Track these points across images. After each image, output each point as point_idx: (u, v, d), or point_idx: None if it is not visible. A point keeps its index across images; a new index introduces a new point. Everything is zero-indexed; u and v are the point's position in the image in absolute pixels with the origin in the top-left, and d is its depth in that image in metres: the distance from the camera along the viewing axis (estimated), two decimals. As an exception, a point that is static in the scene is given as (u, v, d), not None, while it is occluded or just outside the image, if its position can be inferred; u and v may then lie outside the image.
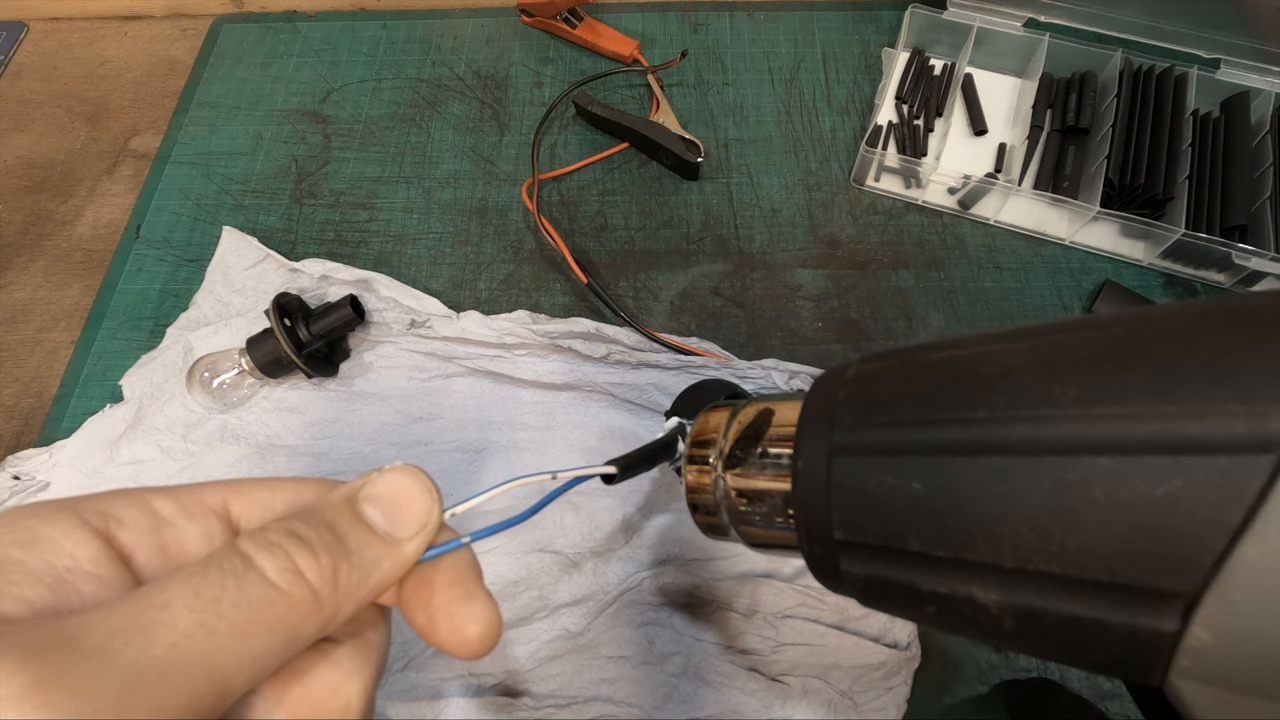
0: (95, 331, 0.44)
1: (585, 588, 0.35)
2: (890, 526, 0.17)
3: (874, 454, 0.18)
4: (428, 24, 0.57)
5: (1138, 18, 0.50)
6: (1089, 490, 0.14)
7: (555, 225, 0.46)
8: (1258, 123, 0.46)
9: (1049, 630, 0.15)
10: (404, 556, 0.16)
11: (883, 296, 0.44)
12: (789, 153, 0.49)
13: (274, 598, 0.14)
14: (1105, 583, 0.14)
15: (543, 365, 0.41)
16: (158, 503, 0.16)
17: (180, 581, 0.13)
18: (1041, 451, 0.14)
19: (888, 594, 0.18)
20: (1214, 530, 0.12)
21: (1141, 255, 0.45)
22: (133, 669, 0.12)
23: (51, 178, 0.51)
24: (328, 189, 0.49)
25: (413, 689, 0.33)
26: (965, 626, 0.17)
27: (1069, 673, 0.34)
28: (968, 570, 0.16)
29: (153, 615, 0.13)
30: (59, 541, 0.14)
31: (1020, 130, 0.48)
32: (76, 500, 0.15)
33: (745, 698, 0.33)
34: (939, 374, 0.18)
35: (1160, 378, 0.14)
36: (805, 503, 0.19)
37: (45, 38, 0.58)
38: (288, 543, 0.15)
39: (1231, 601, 0.12)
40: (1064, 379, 0.15)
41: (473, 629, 0.16)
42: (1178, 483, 0.13)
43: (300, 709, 0.15)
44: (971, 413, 0.16)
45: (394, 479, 0.17)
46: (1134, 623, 0.13)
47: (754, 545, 0.23)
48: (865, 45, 0.54)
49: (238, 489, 0.17)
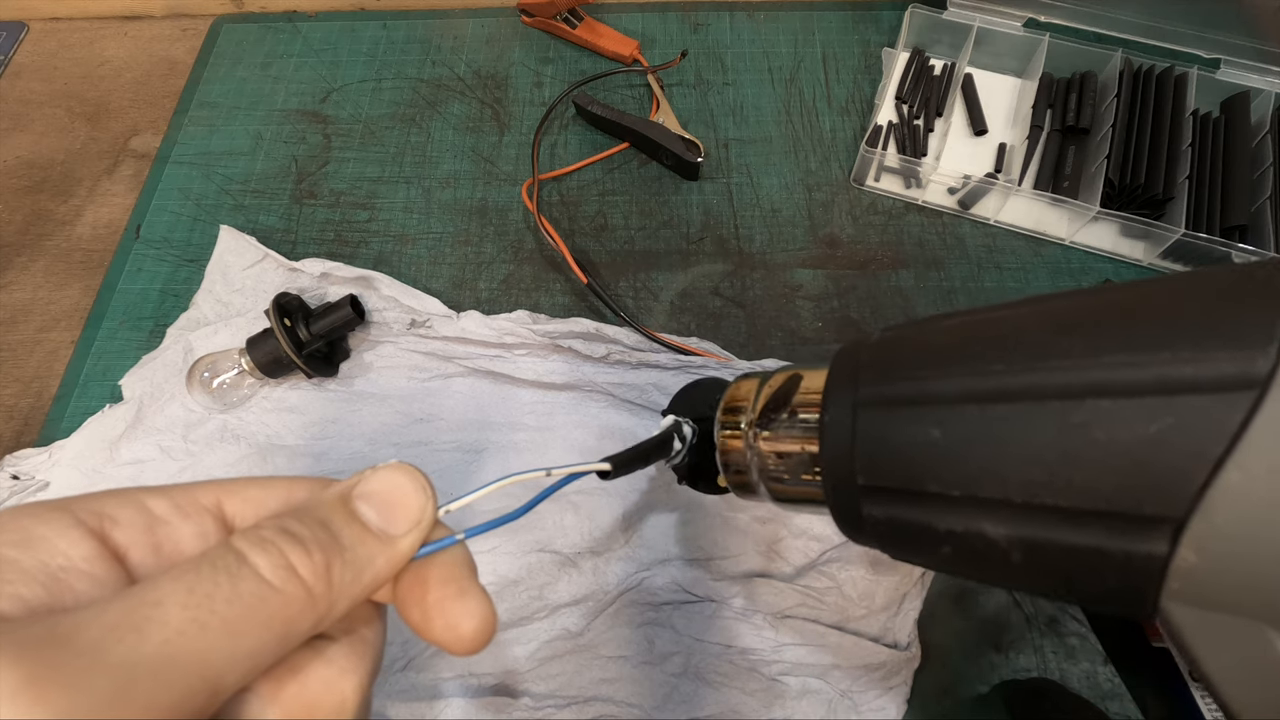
0: (95, 331, 0.44)
1: (585, 587, 0.35)
2: (910, 471, 0.18)
3: (896, 406, 0.19)
4: (428, 24, 0.57)
5: (1138, 18, 0.50)
6: (1091, 430, 0.15)
7: (555, 225, 0.46)
8: (1258, 123, 0.46)
9: (1053, 561, 0.16)
10: (398, 553, 0.16)
11: (883, 296, 0.44)
12: (789, 153, 0.49)
13: (267, 594, 0.14)
14: (1103, 512, 0.15)
15: (543, 365, 0.41)
16: (152, 502, 0.16)
17: (173, 579, 0.13)
18: (1049, 396, 0.16)
19: (907, 535, 0.20)
20: (1200, 460, 0.14)
21: (1141, 255, 0.45)
22: (125, 666, 0.12)
23: (51, 178, 0.51)
24: (328, 189, 0.49)
25: (412, 689, 0.33)
26: (977, 563, 0.18)
27: (1069, 673, 0.34)
28: (980, 507, 0.17)
29: (145, 612, 0.13)
30: (53, 541, 0.14)
31: (1020, 130, 0.48)
32: (71, 500, 0.15)
33: (745, 698, 0.33)
34: (955, 336, 0.19)
35: (1159, 330, 0.15)
36: (831, 453, 0.21)
37: (45, 38, 0.58)
38: (281, 539, 0.15)
39: (1215, 524, 0.14)
40: (1072, 334, 0.17)
41: (467, 625, 0.16)
42: (1170, 420, 0.14)
43: (295, 707, 0.15)
44: (988, 366, 0.18)
45: (388, 476, 0.17)
46: (1129, 548, 0.15)
47: (780, 500, 0.25)
48: (865, 45, 0.54)
49: (231, 488, 0.17)
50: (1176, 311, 0.16)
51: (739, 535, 0.36)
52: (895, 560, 0.22)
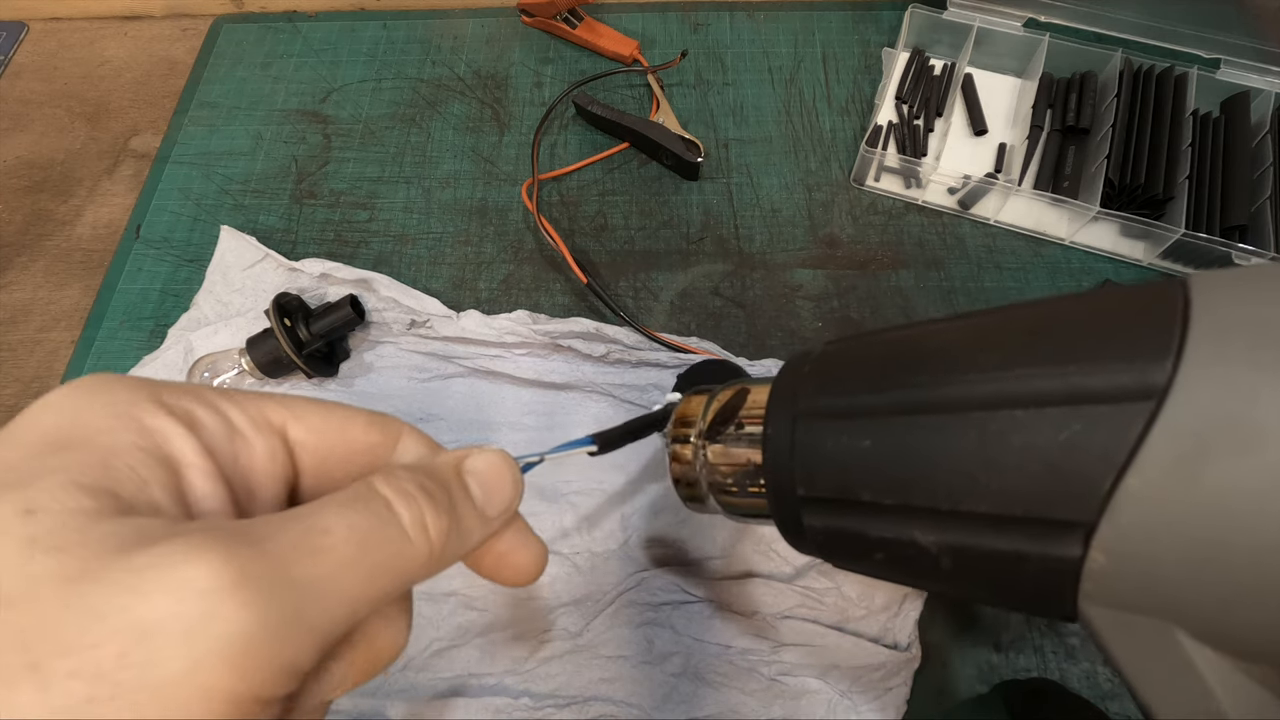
0: (95, 331, 0.44)
1: (584, 587, 0.35)
2: (844, 481, 0.19)
3: (831, 418, 0.20)
4: (428, 24, 0.57)
5: (1138, 18, 0.50)
6: (1007, 438, 0.16)
7: (555, 225, 0.46)
8: (1258, 123, 0.46)
9: (979, 566, 0.17)
10: (489, 532, 0.17)
11: (883, 296, 0.44)
12: (789, 153, 0.49)
13: (403, 547, 0.14)
14: (1021, 517, 0.16)
15: (543, 365, 0.41)
16: (231, 412, 0.15)
17: (337, 512, 0.14)
18: (970, 408, 0.17)
19: (844, 544, 0.21)
20: (1105, 466, 0.14)
21: (1141, 255, 0.45)
22: (301, 586, 0.12)
23: (51, 178, 0.51)
24: (328, 189, 0.49)
25: (412, 689, 0.33)
26: (910, 569, 0.19)
27: (1069, 673, 0.34)
28: (910, 515, 0.18)
29: (317, 539, 0.13)
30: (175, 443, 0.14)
31: (1020, 130, 0.48)
32: (159, 393, 0.15)
33: (745, 698, 0.33)
34: (890, 350, 0.20)
35: (1069, 343, 0.16)
36: (773, 465, 0.22)
37: (45, 38, 0.58)
38: (421, 497, 0.15)
39: (1120, 527, 0.14)
40: (990, 349, 0.18)
41: (533, 567, 0.19)
42: (1077, 427, 0.15)
43: (363, 664, 0.15)
44: (915, 378, 0.19)
45: (491, 459, 0.18)
46: (1046, 552, 0.16)
47: (730, 513, 0.26)
48: (865, 45, 0.54)
49: (296, 410, 0.17)
50: (1085, 326, 0.16)
51: (738, 535, 0.36)
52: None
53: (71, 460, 0.12)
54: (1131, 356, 0.15)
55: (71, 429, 0.13)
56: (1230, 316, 0.14)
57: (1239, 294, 0.15)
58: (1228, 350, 0.14)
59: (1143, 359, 0.15)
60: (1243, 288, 0.15)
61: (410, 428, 0.18)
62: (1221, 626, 0.14)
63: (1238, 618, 0.14)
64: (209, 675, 0.11)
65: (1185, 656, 0.14)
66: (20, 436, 0.13)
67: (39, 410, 0.14)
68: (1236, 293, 0.15)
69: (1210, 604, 0.14)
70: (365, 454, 0.17)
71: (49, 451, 0.13)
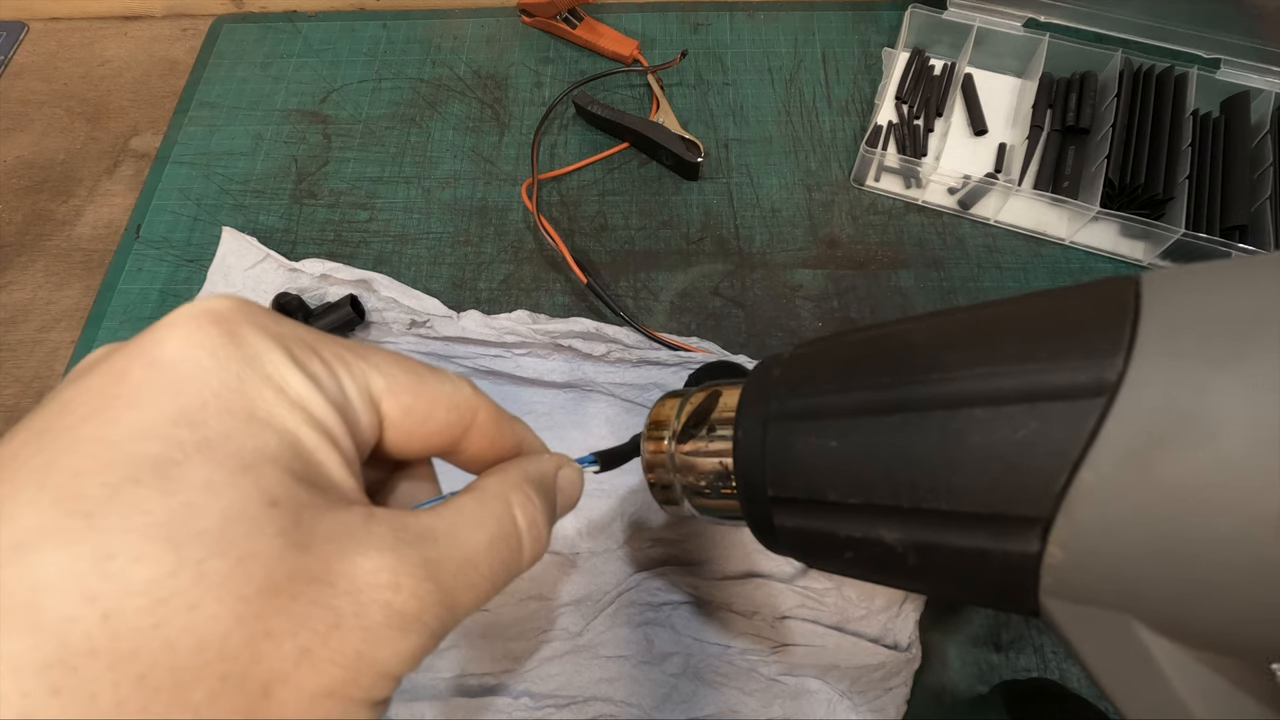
0: (95, 331, 0.44)
1: (584, 587, 0.35)
2: (812, 481, 0.20)
3: (800, 419, 0.20)
4: (428, 24, 0.57)
5: (1138, 18, 0.50)
6: (967, 437, 0.16)
7: (555, 225, 0.46)
8: (1258, 123, 0.46)
9: (944, 563, 0.17)
10: (552, 531, 0.19)
11: (883, 296, 0.44)
12: (789, 153, 0.49)
13: (515, 549, 0.16)
14: (982, 514, 0.16)
15: (543, 364, 0.41)
16: (345, 380, 0.15)
17: (475, 502, 0.15)
18: (932, 407, 0.17)
19: (814, 544, 0.21)
20: (1060, 462, 0.15)
21: (1141, 255, 0.45)
22: (457, 569, 0.14)
23: (51, 178, 0.51)
24: (328, 189, 0.49)
25: (411, 689, 0.33)
26: (878, 567, 0.19)
27: (1069, 673, 0.34)
28: (875, 513, 0.18)
29: (467, 529, 0.15)
30: None
31: (1020, 130, 0.48)
32: (291, 349, 0.14)
33: (745, 698, 0.33)
34: (857, 351, 0.21)
35: (1026, 342, 0.16)
36: (744, 466, 0.22)
37: (45, 38, 0.58)
38: (533, 505, 0.16)
39: (1076, 522, 0.15)
40: (952, 348, 0.18)
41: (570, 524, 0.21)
42: (1034, 425, 0.15)
43: None
44: (879, 379, 0.19)
45: (572, 475, 0.20)
46: (1006, 548, 0.16)
47: (704, 514, 0.26)
48: (865, 45, 0.54)
49: (394, 385, 0.16)
50: (1041, 324, 0.17)
51: (739, 535, 0.36)
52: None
53: (269, 442, 0.13)
54: (1085, 353, 0.15)
55: (236, 398, 0.13)
56: (1180, 311, 0.15)
57: (1189, 289, 0.15)
58: (1178, 344, 0.14)
59: (1096, 356, 0.15)
60: (1192, 282, 0.15)
61: (488, 406, 0.18)
62: (1176, 618, 0.14)
63: (1191, 609, 0.14)
64: (382, 650, 0.13)
65: (1143, 648, 0.14)
66: (188, 398, 0.12)
67: (181, 363, 0.12)
68: (1186, 288, 0.15)
69: (1165, 596, 0.14)
70: (439, 434, 0.17)
71: (234, 425, 0.12)
